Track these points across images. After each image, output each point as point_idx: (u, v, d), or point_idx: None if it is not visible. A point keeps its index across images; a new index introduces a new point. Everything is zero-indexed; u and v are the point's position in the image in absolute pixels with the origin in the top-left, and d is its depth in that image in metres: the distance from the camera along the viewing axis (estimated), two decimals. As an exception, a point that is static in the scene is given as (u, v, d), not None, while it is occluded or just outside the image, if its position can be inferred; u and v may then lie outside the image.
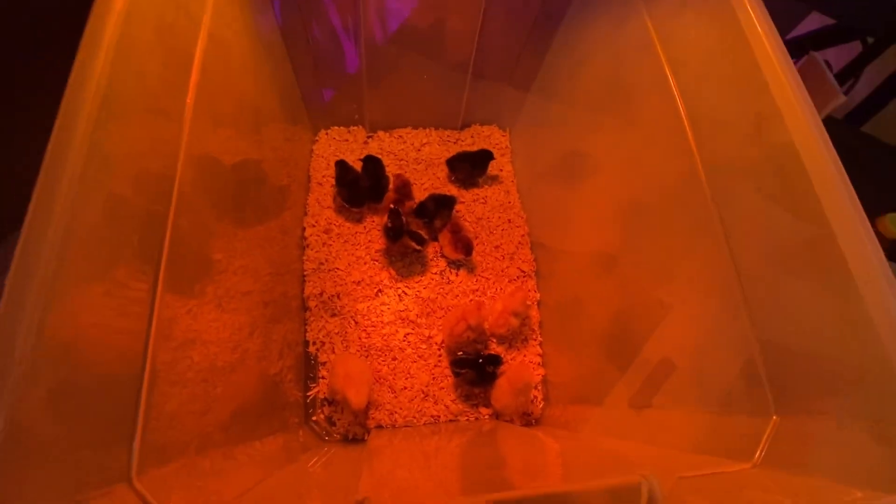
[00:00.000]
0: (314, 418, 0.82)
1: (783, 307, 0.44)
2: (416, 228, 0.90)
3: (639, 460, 0.49)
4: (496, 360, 0.80)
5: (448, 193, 0.94)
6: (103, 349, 0.40)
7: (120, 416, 0.40)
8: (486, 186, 1.03)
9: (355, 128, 1.06)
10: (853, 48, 1.20)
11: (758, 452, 0.39)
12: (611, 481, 0.27)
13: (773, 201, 0.45)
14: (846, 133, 1.17)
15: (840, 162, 0.39)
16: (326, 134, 1.05)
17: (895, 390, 0.34)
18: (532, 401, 0.85)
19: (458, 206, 0.99)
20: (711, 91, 0.52)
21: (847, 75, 1.20)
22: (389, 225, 0.86)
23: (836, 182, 0.38)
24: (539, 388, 0.87)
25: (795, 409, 0.40)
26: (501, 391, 0.80)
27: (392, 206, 0.89)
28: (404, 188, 0.94)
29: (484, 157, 0.99)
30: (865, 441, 0.35)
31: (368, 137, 1.06)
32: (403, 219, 0.86)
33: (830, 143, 0.40)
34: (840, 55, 1.22)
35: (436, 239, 0.94)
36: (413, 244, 0.87)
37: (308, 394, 0.84)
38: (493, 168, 1.02)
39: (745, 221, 0.48)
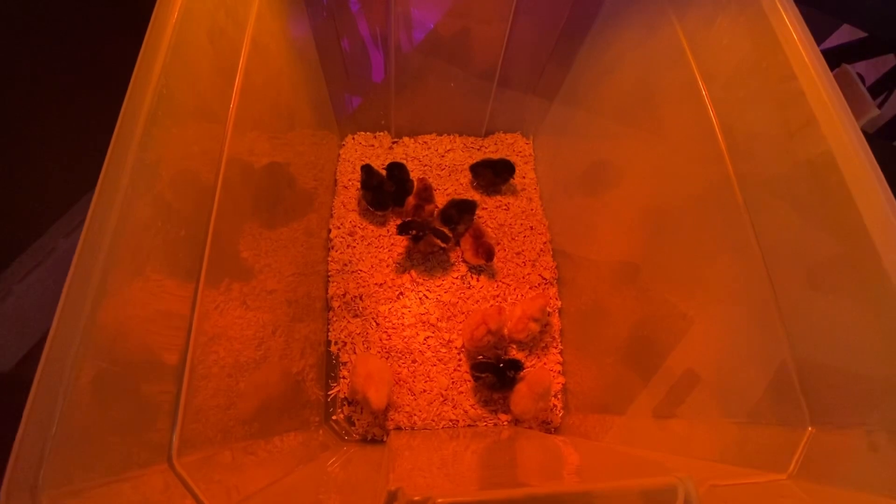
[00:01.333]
0: (334, 418, 0.83)
1: (821, 320, 0.43)
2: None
3: (668, 467, 0.48)
4: (517, 365, 0.80)
5: (466, 199, 0.94)
6: (147, 340, 0.42)
7: (161, 404, 0.42)
8: (509, 193, 1.04)
9: (381, 133, 1.08)
10: (886, 62, 1.18)
11: (792, 463, 0.38)
12: (645, 481, 0.27)
13: (811, 213, 0.44)
14: (877, 148, 1.15)
15: (881, 173, 0.38)
16: (353, 139, 1.08)
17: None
18: (552, 409, 0.84)
19: (480, 213, 1.00)
20: (745, 101, 0.52)
21: (880, 89, 1.18)
22: (413, 233, 0.87)
23: (877, 193, 0.38)
24: (559, 396, 0.86)
25: (832, 421, 0.39)
26: (521, 396, 0.79)
27: (408, 217, 0.90)
28: (425, 192, 0.95)
29: (506, 166, 0.99)
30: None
31: (394, 143, 1.08)
32: (418, 227, 0.87)
33: (871, 154, 0.39)
34: (872, 69, 1.19)
35: (458, 243, 0.94)
36: (438, 242, 0.88)
37: (329, 393, 0.85)
38: (516, 175, 1.03)
39: (781, 233, 0.47)
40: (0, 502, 0.27)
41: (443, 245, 0.88)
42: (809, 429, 0.40)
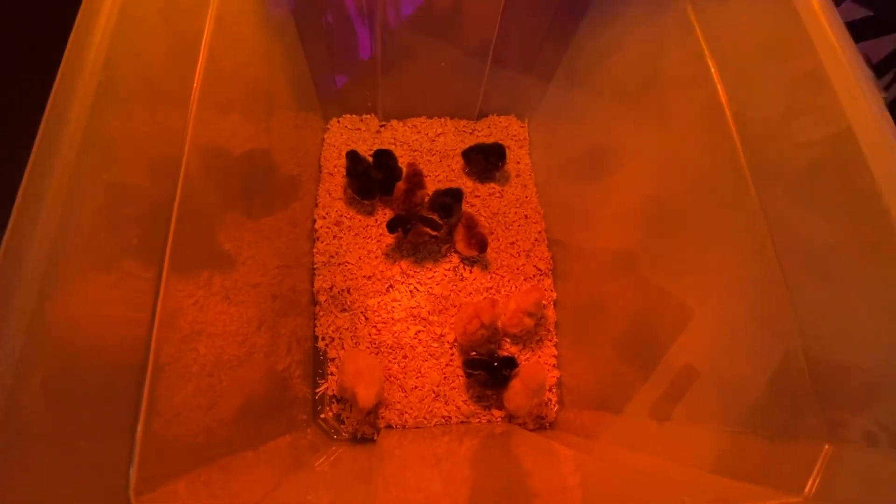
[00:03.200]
0: (322, 416, 0.80)
1: (836, 311, 0.40)
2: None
3: (669, 481, 0.46)
4: (511, 363, 0.77)
5: (454, 188, 0.90)
6: (104, 339, 0.38)
7: (121, 409, 0.38)
8: (503, 180, 1.00)
9: (368, 116, 1.03)
10: (892, 40, 1.14)
11: (809, 484, 0.36)
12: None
13: (829, 198, 0.41)
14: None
15: None
16: (338, 122, 1.02)
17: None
18: (546, 404, 0.82)
19: (473, 200, 0.96)
20: (759, 82, 0.48)
21: (885, 69, 1.14)
22: (396, 230, 0.83)
23: None
24: (553, 390, 0.84)
25: (851, 433, 0.37)
26: (515, 392, 0.77)
27: (397, 204, 0.86)
28: (416, 178, 0.90)
29: (498, 150, 0.95)
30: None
31: (381, 126, 1.03)
32: (405, 215, 0.83)
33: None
34: (878, 48, 1.15)
35: (451, 233, 0.90)
36: (428, 230, 0.84)
37: (317, 391, 0.82)
38: (510, 161, 0.98)
39: (799, 226, 0.44)
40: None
41: (434, 233, 0.84)
42: (826, 447, 0.37)
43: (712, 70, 0.53)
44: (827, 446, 0.37)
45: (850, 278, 0.40)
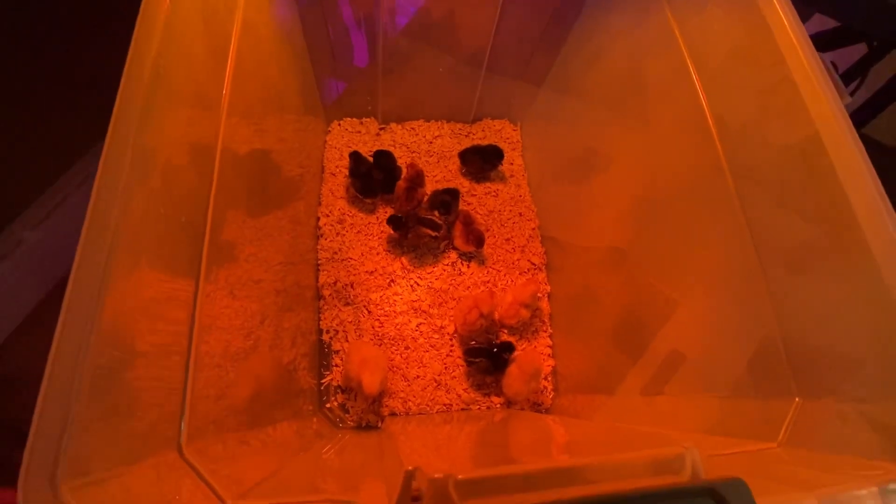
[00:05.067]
0: (328, 406, 0.83)
1: (809, 301, 0.45)
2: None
3: (662, 440, 0.50)
4: (510, 347, 0.81)
5: (452, 187, 0.94)
6: (149, 331, 0.41)
7: (167, 393, 0.41)
8: (498, 180, 1.04)
9: (368, 119, 1.07)
10: (859, 49, 1.23)
11: (782, 432, 0.40)
12: (654, 452, 0.28)
13: (803, 199, 0.46)
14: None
15: (870, 162, 0.40)
16: (339, 125, 1.06)
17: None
18: (542, 391, 0.86)
19: (470, 199, 1.00)
20: (736, 87, 0.53)
21: (852, 77, 1.22)
22: (398, 230, 0.87)
23: (867, 183, 0.39)
24: (549, 378, 0.88)
25: (818, 393, 0.41)
26: (512, 378, 0.81)
27: (398, 203, 0.90)
28: (417, 178, 0.94)
29: (494, 153, 0.99)
30: (887, 420, 0.37)
31: (381, 129, 1.07)
32: (405, 217, 0.87)
33: (858, 138, 0.41)
34: (844, 57, 1.24)
35: (449, 231, 0.95)
36: (429, 231, 0.88)
37: (322, 381, 0.84)
38: (504, 162, 1.03)
39: (773, 219, 0.49)
40: (19, 495, 0.27)
41: (433, 234, 0.88)
42: (797, 399, 0.42)
43: (693, 76, 0.58)
44: (797, 399, 0.42)
45: (821, 270, 0.45)
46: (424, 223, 0.87)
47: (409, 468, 0.30)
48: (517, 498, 0.26)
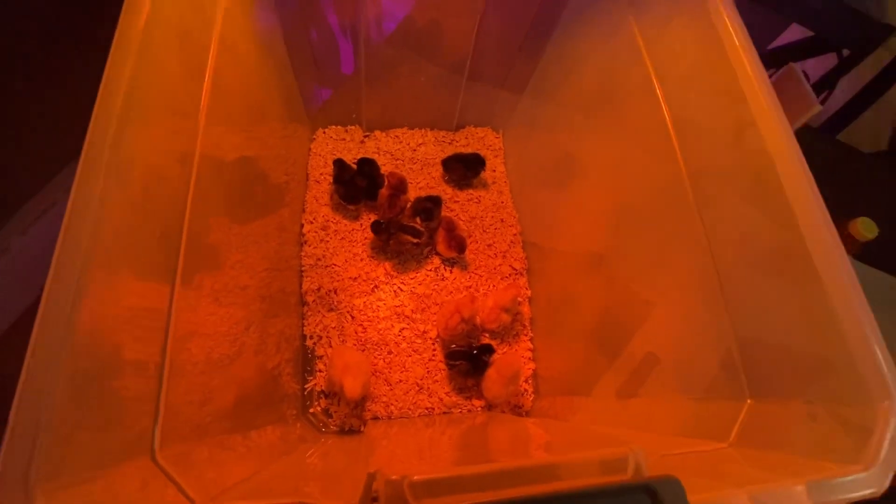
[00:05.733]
0: (311, 410, 0.84)
1: (758, 304, 0.48)
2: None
3: (624, 440, 0.52)
4: (489, 349, 0.83)
5: (434, 195, 0.96)
6: (125, 338, 0.42)
7: (142, 399, 0.42)
8: (480, 187, 1.06)
9: (352, 127, 1.08)
10: (829, 60, 1.26)
11: (733, 433, 0.42)
12: (599, 453, 0.30)
13: (751, 205, 0.48)
14: (822, 141, 1.23)
15: (808, 169, 0.43)
16: (324, 133, 1.07)
17: (854, 377, 0.38)
18: (523, 394, 0.88)
19: (452, 206, 1.02)
20: (694, 99, 0.56)
21: (823, 86, 1.26)
22: (382, 237, 0.88)
23: (805, 188, 0.42)
24: (530, 381, 0.90)
25: (767, 394, 0.43)
26: (491, 381, 0.82)
27: (382, 210, 0.92)
28: (400, 185, 0.96)
29: (476, 161, 1.02)
30: (830, 421, 0.39)
31: (365, 137, 1.09)
32: (387, 223, 0.89)
33: (800, 152, 0.43)
34: (817, 67, 1.27)
35: (432, 237, 0.96)
36: (410, 238, 0.90)
37: (305, 387, 0.86)
38: (486, 169, 1.05)
39: (725, 224, 0.52)
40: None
41: (415, 240, 0.90)
42: (748, 401, 0.44)
43: (656, 87, 0.61)
44: (749, 401, 0.44)
45: (769, 272, 0.47)
46: (406, 230, 0.89)
47: (372, 471, 0.32)
48: (468, 497, 0.28)
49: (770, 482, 0.30)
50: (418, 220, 0.92)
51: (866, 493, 0.32)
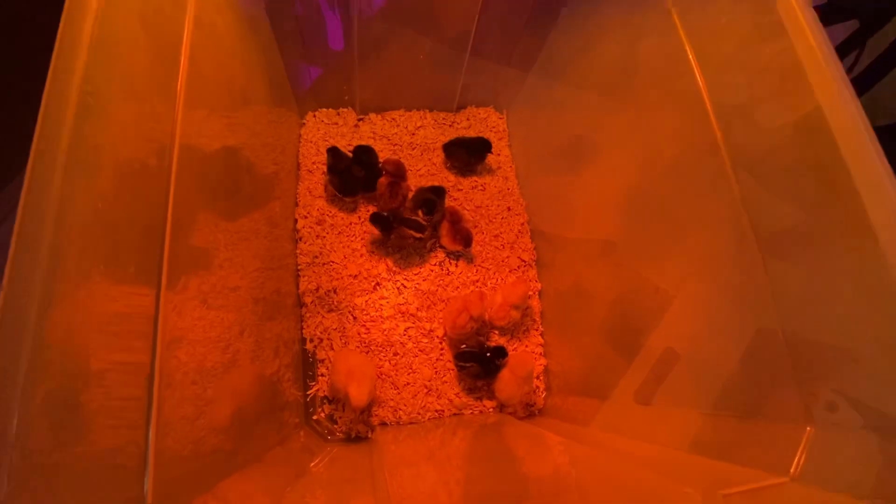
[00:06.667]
0: (315, 418, 0.80)
1: (815, 298, 0.43)
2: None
3: (656, 463, 0.48)
4: (502, 353, 0.79)
5: (438, 185, 0.90)
6: (105, 350, 0.37)
7: (128, 440, 0.38)
8: (485, 173, 1.00)
9: (345, 110, 1.00)
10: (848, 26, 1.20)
11: (793, 465, 0.38)
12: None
13: (806, 189, 0.43)
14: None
15: (889, 166, 0.37)
16: (314, 117, 0.99)
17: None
18: (535, 391, 0.85)
19: (456, 195, 0.96)
20: (740, 75, 0.49)
21: (841, 55, 1.20)
22: (381, 227, 0.82)
23: (887, 189, 0.37)
24: (541, 377, 0.87)
25: (830, 418, 0.39)
26: (505, 382, 0.79)
27: (381, 200, 0.85)
28: (398, 171, 0.89)
29: (481, 145, 0.94)
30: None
31: (359, 120, 1.00)
32: (389, 214, 0.83)
33: (878, 144, 0.38)
34: (835, 35, 1.21)
35: (436, 229, 0.90)
36: (412, 233, 0.84)
37: (307, 393, 0.81)
38: (491, 153, 0.98)
39: (774, 208, 0.46)
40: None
41: (417, 235, 0.84)
42: (808, 429, 0.40)
43: (691, 59, 0.54)
44: (809, 428, 0.40)
45: (825, 261, 0.42)
46: (408, 224, 0.83)
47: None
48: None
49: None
50: (420, 213, 0.86)
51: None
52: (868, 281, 0.39)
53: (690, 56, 0.55)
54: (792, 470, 0.38)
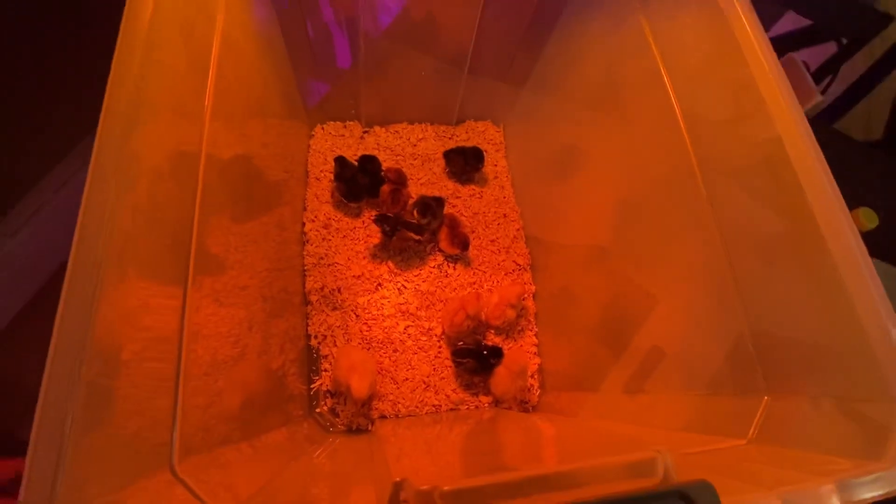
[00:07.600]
0: (318, 410, 0.84)
1: (772, 295, 0.47)
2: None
3: (640, 440, 0.52)
4: (498, 353, 0.83)
5: (437, 195, 0.95)
6: (137, 348, 0.41)
7: (158, 409, 0.42)
8: (482, 182, 1.06)
9: (351, 123, 1.07)
10: (827, 49, 1.26)
11: (751, 430, 0.42)
12: (626, 457, 0.30)
13: (764, 196, 0.48)
14: (819, 130, 1.23)
15: (823, 157, 0.42)
16: (323, 129, 1.05)
17: (874, 373, 0.38)
18: (529, 389, 0.88)
19: (455, 201, 1.01)
20: (706, 92, 0.55)
21: (822, 75, 1.26)
22: (387, 229, 0.87)
23: (820, 176, 0.42)
24: (535, 376, 0.90)
25: (785, 390, 0.44)
26: (500, 378, 0.83)
27: (384, 206, 0.91)
28: (399, 179, 0.95)
29: (474, 155, 1.00)
30: (847, 417, 0.39)
31: (364, 132, 1.07)
32: (392, 216, 0.88)
33: (815, 140, 0.43)
34: (817, 55, 1.27)
35: (435, 234, 0.95)
36: (412, 234, 0.89)
37: (311, 386, 0.85)
38: (487, 163, 1.04)
39: (738, 215, 0.51)
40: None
41: (417, 237, 0.89)
42: (765, 398, 0.44)
43: (665, 79, 0.60)
44: (766, 397, 0.44)
45: (783, 262, 0.47)
46: (408, 227, 0.88)
47: (398, 479, 0.31)
48: (499, 505, 0.28)
49: (799, 483, 0.30)
50: (415, 212, 0.91)
51: (891, 491, 0.32)
52: (818, 279, 0.43)
53: (663, 71, 0.61)
54: (750, 433, 0.42)
